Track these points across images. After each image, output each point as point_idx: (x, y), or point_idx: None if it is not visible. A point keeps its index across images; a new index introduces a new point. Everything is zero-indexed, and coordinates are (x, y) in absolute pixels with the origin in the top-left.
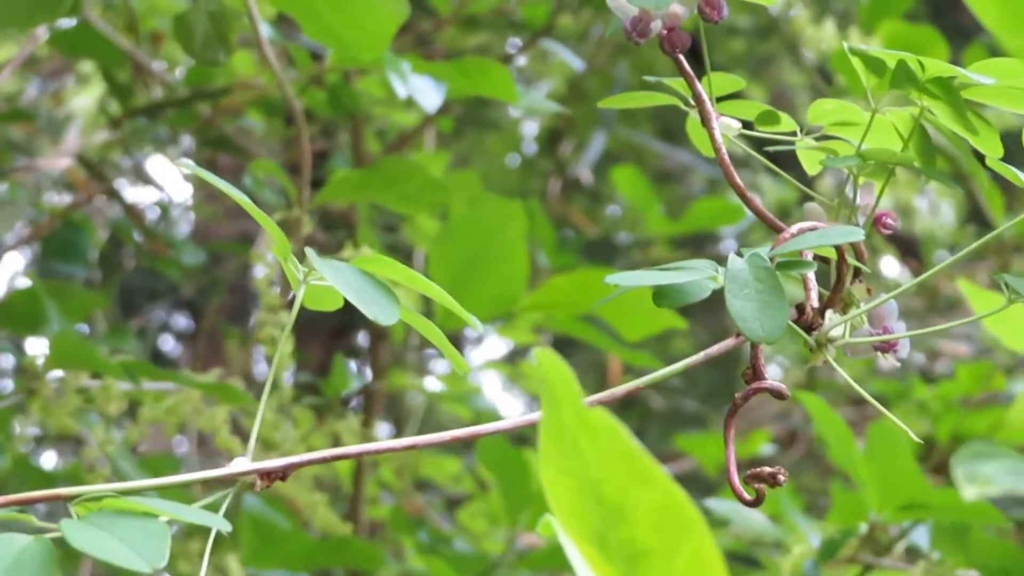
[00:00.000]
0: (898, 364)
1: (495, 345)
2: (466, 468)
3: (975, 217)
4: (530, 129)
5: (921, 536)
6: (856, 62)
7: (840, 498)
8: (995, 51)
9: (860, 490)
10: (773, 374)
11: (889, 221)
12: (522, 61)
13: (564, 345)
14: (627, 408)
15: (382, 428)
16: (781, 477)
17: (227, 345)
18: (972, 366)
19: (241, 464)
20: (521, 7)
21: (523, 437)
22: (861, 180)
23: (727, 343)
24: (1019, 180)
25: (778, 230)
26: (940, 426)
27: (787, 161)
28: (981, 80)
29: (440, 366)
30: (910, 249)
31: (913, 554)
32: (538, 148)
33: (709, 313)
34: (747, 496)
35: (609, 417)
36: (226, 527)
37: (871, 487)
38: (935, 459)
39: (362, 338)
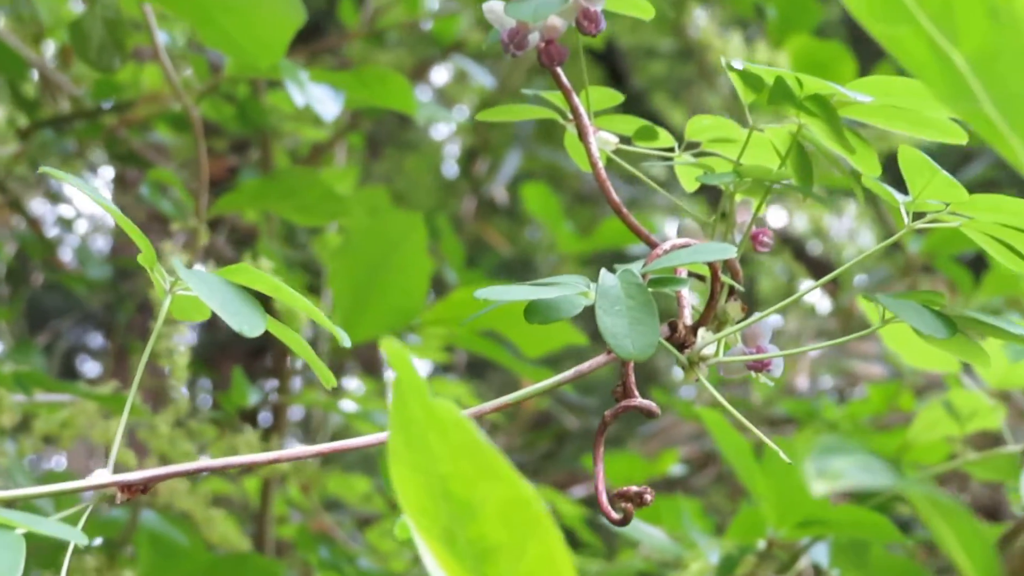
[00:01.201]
0: (771, 383)
1: (416, 364)
2: (376, 488)
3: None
4: (451, 150)
5: (821, 553)
6: (734, 78)
7: (740, 515)
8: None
9: (759, 506)
10: (686, 393)
11: (765, 239)
12: (442, 80)
13: (480, 363)
14: (542, 428)
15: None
16: (648, 497)
17: (134, 361)
18: (882, 387)
19: (100, 476)
20: (434, 20)
21: None
22: (739, 197)
23: (598, 360)
24: (893, 200)
25: (653, 246)
26: None
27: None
28: (859, 98)
29: (353, 383)
30: (826, 271)
31: (816, 571)
32: (459, 169)
33: None
34: (615, 516)
35: (457, 411)
36: (82, 540)
37: (769, 503)
38: None
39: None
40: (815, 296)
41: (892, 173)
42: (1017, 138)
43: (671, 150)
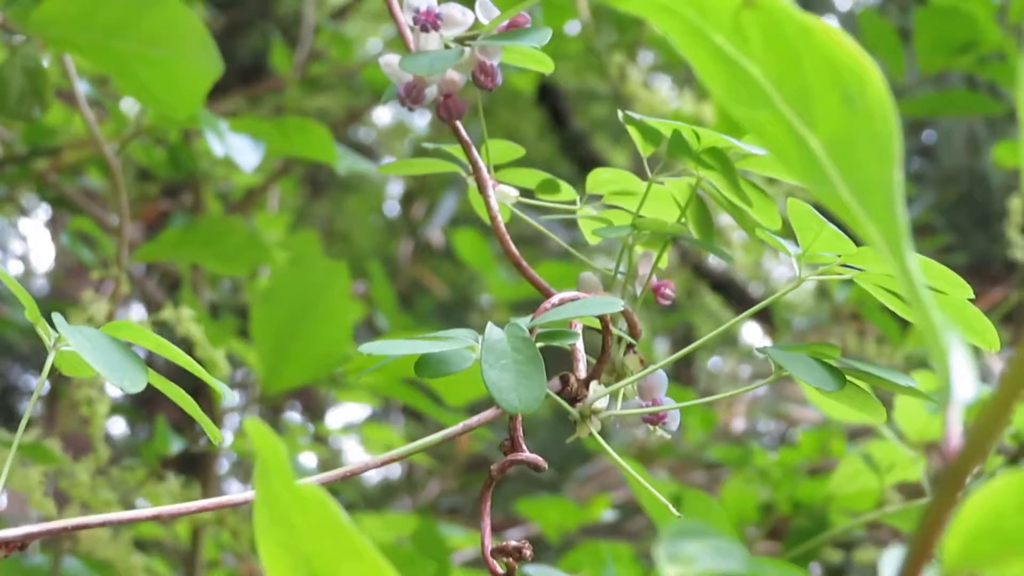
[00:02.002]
0: (668, 436)
1: (355, 409)
2: None
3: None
4: (394, 190)
5: None
6: (632, 132)
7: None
8: None
9: None
10: (623, 437)
11: (667, 291)
12: (386, 120)
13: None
14: (477, 470)
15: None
16: (526, 552)
17: (63, 405)
18: (813, 433)
19: None
20: (362, 70)
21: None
22: (640, 249)
23: (487, 414)
24: (786, 251)
25: (548, 296)
26: (779, 492)
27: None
28: (754, 150)
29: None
30: (763, 315)
31: None
32: (399, 209)
33: None
34: (499, 570)
35: (320, 492)
36: None
37: None
38: (772, 525)
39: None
40: (755, 338)
41: None
42: (872, 223)
43: (573, 202)
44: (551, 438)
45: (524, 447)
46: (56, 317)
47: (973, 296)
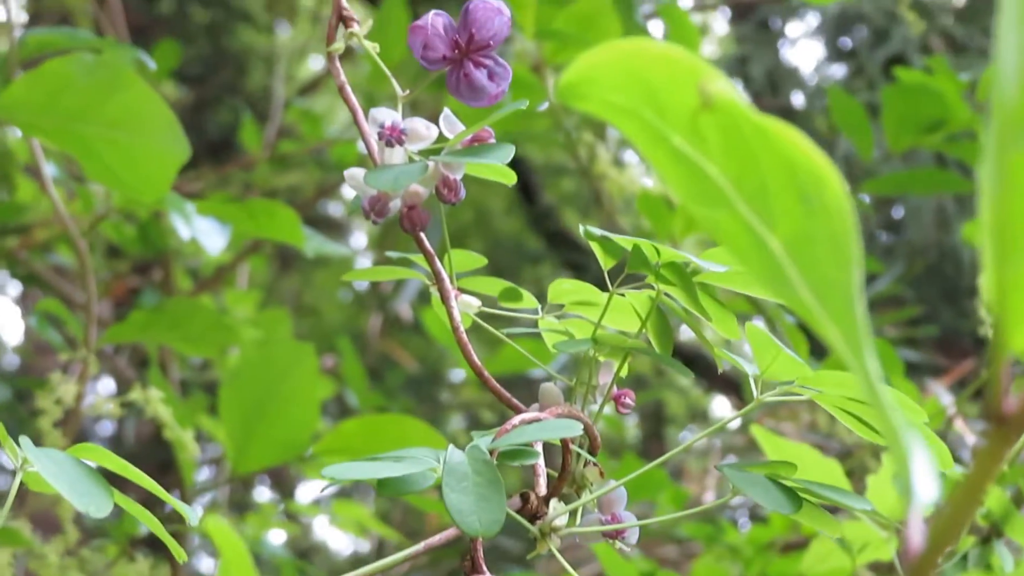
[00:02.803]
0: (628, 549)
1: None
2: None
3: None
4: (363, 263)
5: None
6: (595, 246)
7: None
8: None
9: None
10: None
11: (628, 401)
12: (353, 196)
13: None
14: (451, 546)
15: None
16: None
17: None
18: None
19: None
20: (333, 147)
21: None
22: (601, 359)
23: (448, 533)
24: (743, 370)
25: (513, 410)
26: (751, 570)
27: None
28: (711, 267)
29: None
30: (734, 389)
31: None
32: (369, 284)
33: None
34: None
35: None
36: None
37: None
38: None
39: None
40: (725, 411)
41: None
42: (832, 323)
43: (535, 311)
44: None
45: (484, 569)
46: (23, 440)
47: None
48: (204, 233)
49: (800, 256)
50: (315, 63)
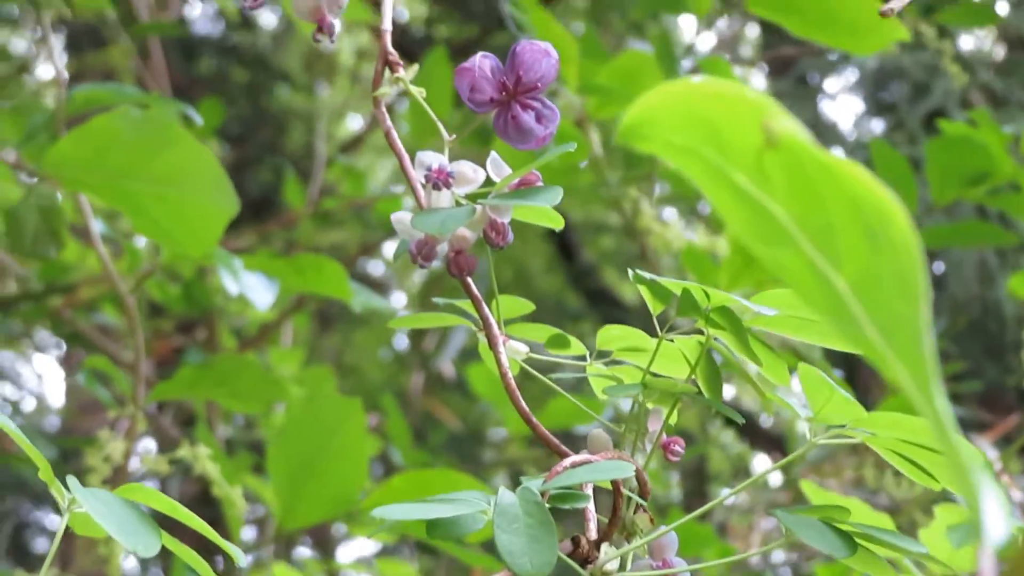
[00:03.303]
0: None
1: (366, 542)
2: None
3: None
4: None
5: None
6: (643, 291)
7: None
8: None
9: None
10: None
11: (677, 448)
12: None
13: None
14: None
15: None
16: None
17: (81, 542)
18: (828, 566)
19: None
20: (376, 203)
21: None
22: (651, 406)
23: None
24: (796, 413)
25: (562, 456)
26: None
27: None
28: (763, 311)
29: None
30: (777, 446)
31: None
32: (409, 343)
33: None
34: None
35: None
36: None
37: None
38: None
39: None
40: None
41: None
42: (900, 362)
43: (583, 358)
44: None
45: None
46: (70, 480)
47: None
48: (252, 288)
49: (866, 293)
50: (354, 123)
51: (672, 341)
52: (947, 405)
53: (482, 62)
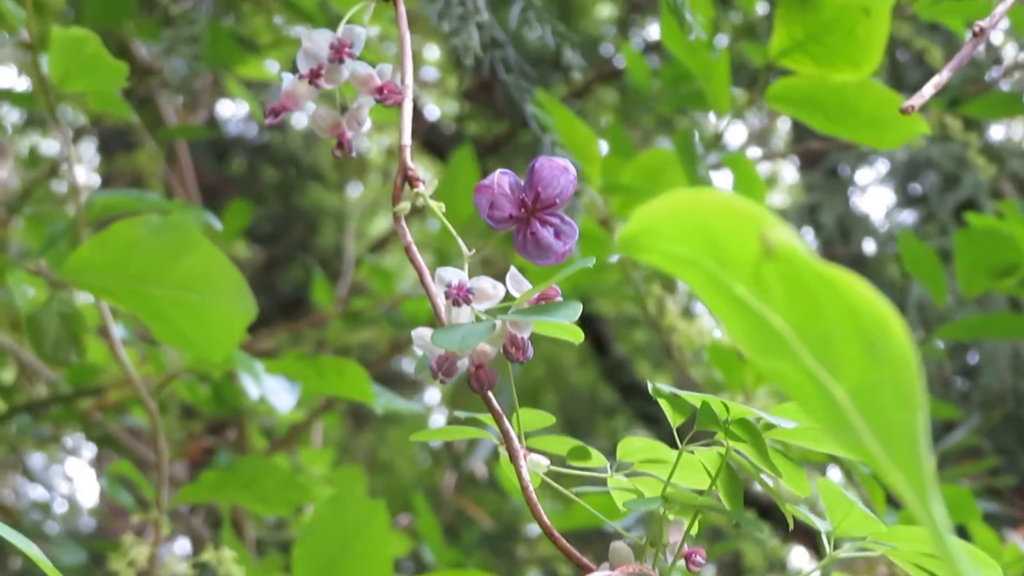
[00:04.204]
0: None
1: None
2: None
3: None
4: (436, 421)
5: None
6: (663, 403)
7: None
8: None
9: None
10: None
11: (699, 559)
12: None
13: None
14: None
15: None
16: None
17: None
18: None
19: None
20: (405, 303)
21: None
22: (672, 516)
23: None
24: (816, 526)
25: (584, 570)
26: None
27: None
28: (782, 423)
29: None
30: (811, 539)
31: None
32: (442, 441)
33: None
34: None
35: None
36: None
37: None
38: None
39: None
40: (803, 561)
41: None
42: (900, 472)
43: (604, 470)
44: None
45: None
46: None
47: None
48: (273, 392)
49: (865, 403)
50: (385, 221)
51: (693, 453)
52: (944, 512)
53: (500, 179)
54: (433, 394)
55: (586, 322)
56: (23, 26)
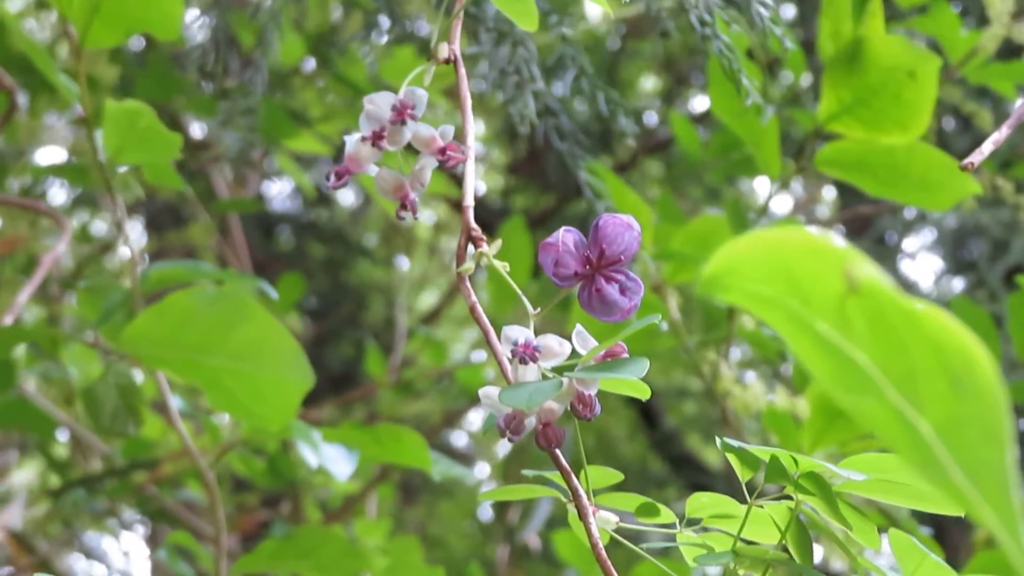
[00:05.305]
0: None
1: None
2: None
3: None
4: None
5: None
6: (731, 458)
7: None
8: None
9: None
10: None
11: None
12: (477, 427)
13: None
14: None
15: None
16: None
17: None
18: None
19: None
20: (457, 372)
21: None
22: (741, 572)
23: None
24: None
25: None
26: None
27: None
28: (852, 476)
29: None
30: None
31: None
32: (493, 513)
33: None
34: None
35: None
36: None
37: None
38: None
39: None
40: None
41: None
42: (988, 505)
43: (672, 525)
44: None
45: None
46: None
47: None
48: (331, 460)
49: (951, 438)
50: (433, 295)
51: (762, 507)
52: None
53: (565, 237)
54: (483, 468)
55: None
56: (76, 100)
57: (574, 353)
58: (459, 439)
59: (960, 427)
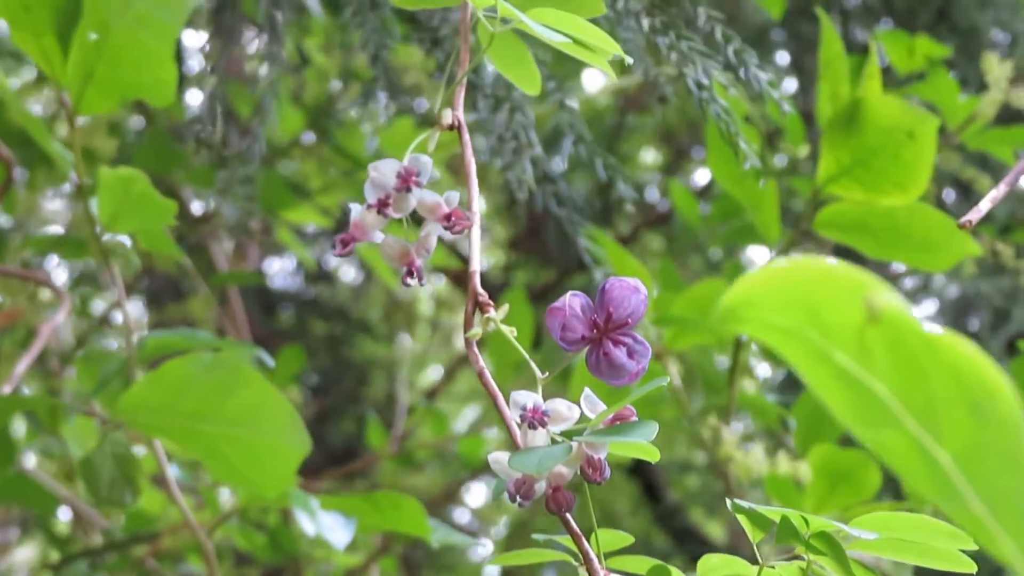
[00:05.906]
0: None
1: None
2: None
3: None
4: (490, 572)
5: None
6: (742, 519)
7: None
8: None
9: None
10: None
11: None
12: (479, 500)
13: None
14: None
15: None
16: None
17: None
18: None
19: None
20: (459, 441)
21: None
22: None
23: None
24: None
25: None
26: None
27: None
28: (864, 535)
29: None
30: None
31: None
32: None
33: None
34: None
35: None
36: None
37: None
38: None
39: None
40: None
41: None
42: (1007, 536)
43: None
44: None
45: None
46: None
47: None
48: (329, 528)
49: (971, 467)
50: (434, 371)
51: (773, 568)
52: None
53: (572, 301)
54: (487, 545)
55: (638, 468)
56: (72, 168)
57: (582, 417)
58: (461, 515)
59: (980, 455)
